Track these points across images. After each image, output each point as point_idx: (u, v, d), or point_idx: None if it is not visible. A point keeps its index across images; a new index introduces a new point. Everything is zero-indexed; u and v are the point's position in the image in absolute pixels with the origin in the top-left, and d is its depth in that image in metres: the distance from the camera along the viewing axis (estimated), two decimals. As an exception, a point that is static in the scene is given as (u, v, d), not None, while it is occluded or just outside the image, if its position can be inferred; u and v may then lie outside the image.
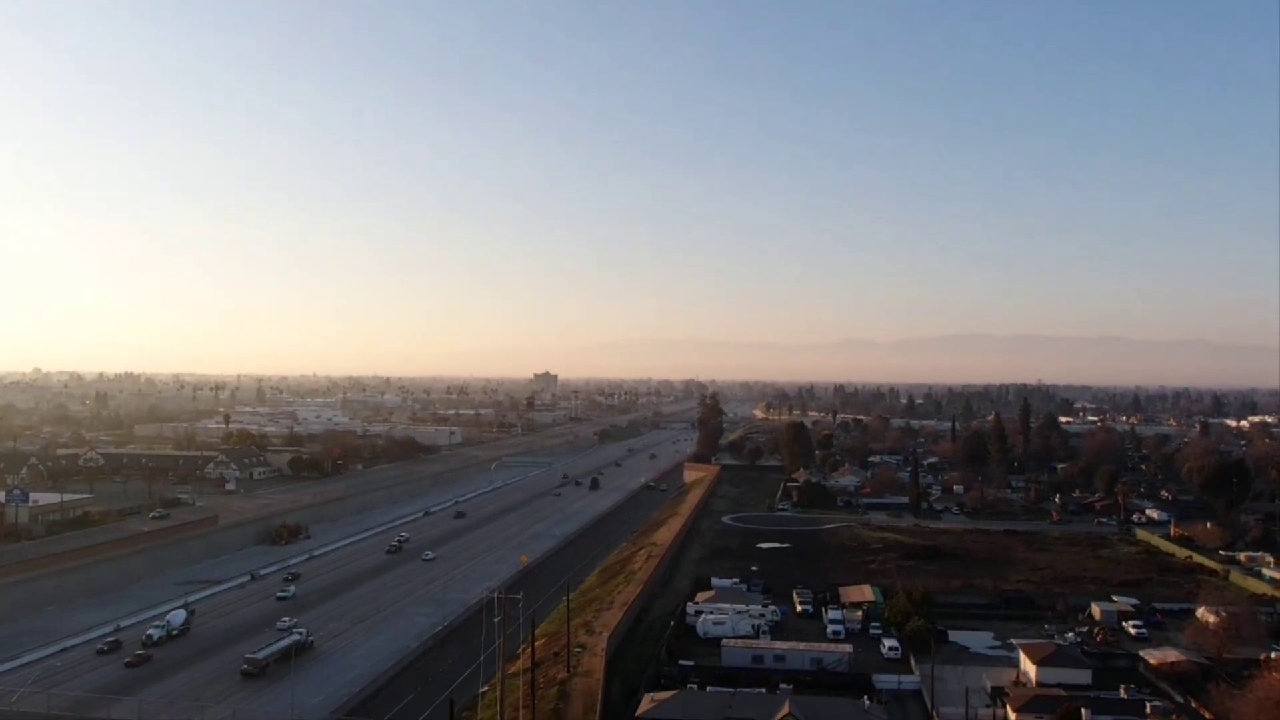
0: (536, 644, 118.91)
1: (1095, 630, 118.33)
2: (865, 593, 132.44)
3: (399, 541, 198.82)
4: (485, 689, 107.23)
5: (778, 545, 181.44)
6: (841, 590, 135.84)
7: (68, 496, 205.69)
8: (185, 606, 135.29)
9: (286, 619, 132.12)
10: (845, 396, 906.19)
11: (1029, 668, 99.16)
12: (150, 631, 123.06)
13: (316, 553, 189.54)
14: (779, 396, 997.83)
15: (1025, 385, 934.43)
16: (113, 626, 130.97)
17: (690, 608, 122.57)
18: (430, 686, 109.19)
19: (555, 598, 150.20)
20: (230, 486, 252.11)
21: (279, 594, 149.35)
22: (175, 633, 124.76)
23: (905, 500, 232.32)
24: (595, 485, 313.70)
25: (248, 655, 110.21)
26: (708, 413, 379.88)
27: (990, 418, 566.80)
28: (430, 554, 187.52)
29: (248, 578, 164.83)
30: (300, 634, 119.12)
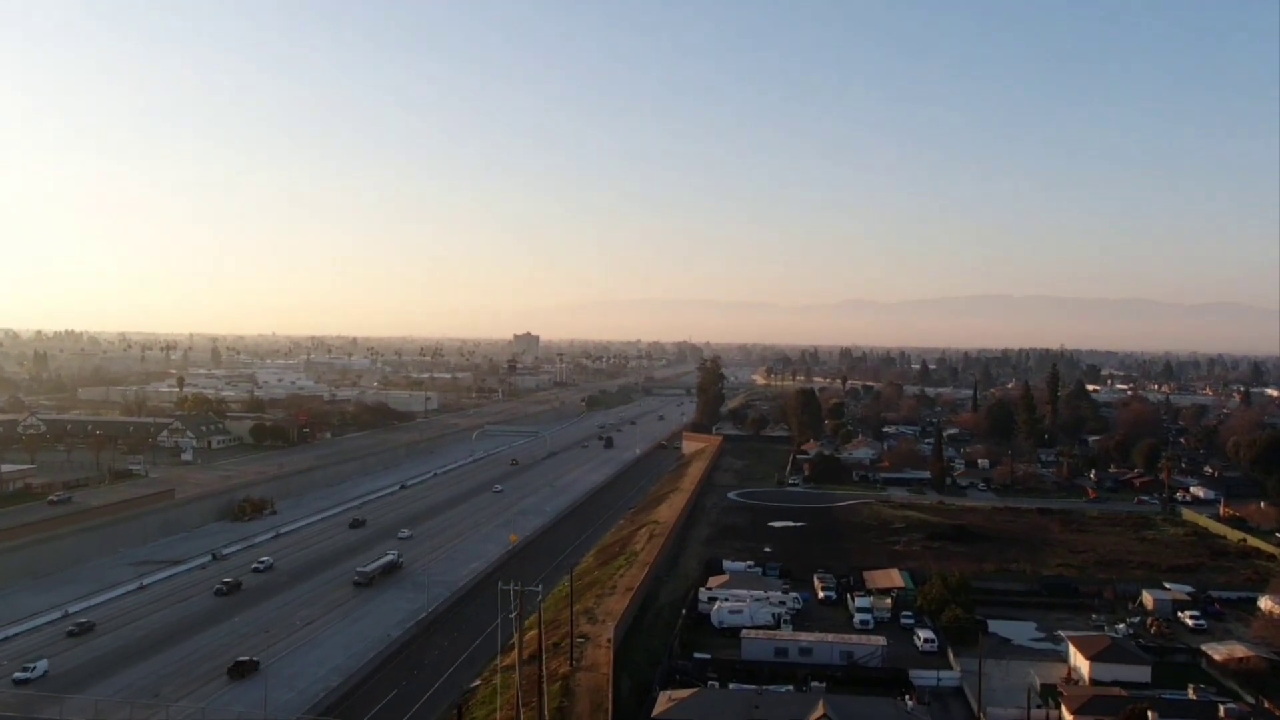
0: (531, 634, 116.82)
1: (1149, 621, 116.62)
2: (893, 577, 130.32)
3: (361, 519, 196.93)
4: (477, 683, 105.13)
5: (791, 524, 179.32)
6: (866, 575, 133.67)
7: (6, 467, 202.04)
8: None
9: (406, 531, 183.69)
10: (853, 361, 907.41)
11: (1081, 663, 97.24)
12: None
13: (284, 529, 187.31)
14: (780, 360, 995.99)
15: (1048, 350, 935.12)
16: (61, 611, 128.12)
17: (703, 594, 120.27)
18: (416, 681, 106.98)
19: (549, 580, 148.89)
20: (186, 456, 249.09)
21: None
22: None
23: (927, 475, 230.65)
24: (610, 444, 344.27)
25: (358, 569, 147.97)
26: (708, 378, 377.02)
27: (1011, 384, 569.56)
28: (406, 532, 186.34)
29: (209, 557, 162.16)
30: (394, 554, 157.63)
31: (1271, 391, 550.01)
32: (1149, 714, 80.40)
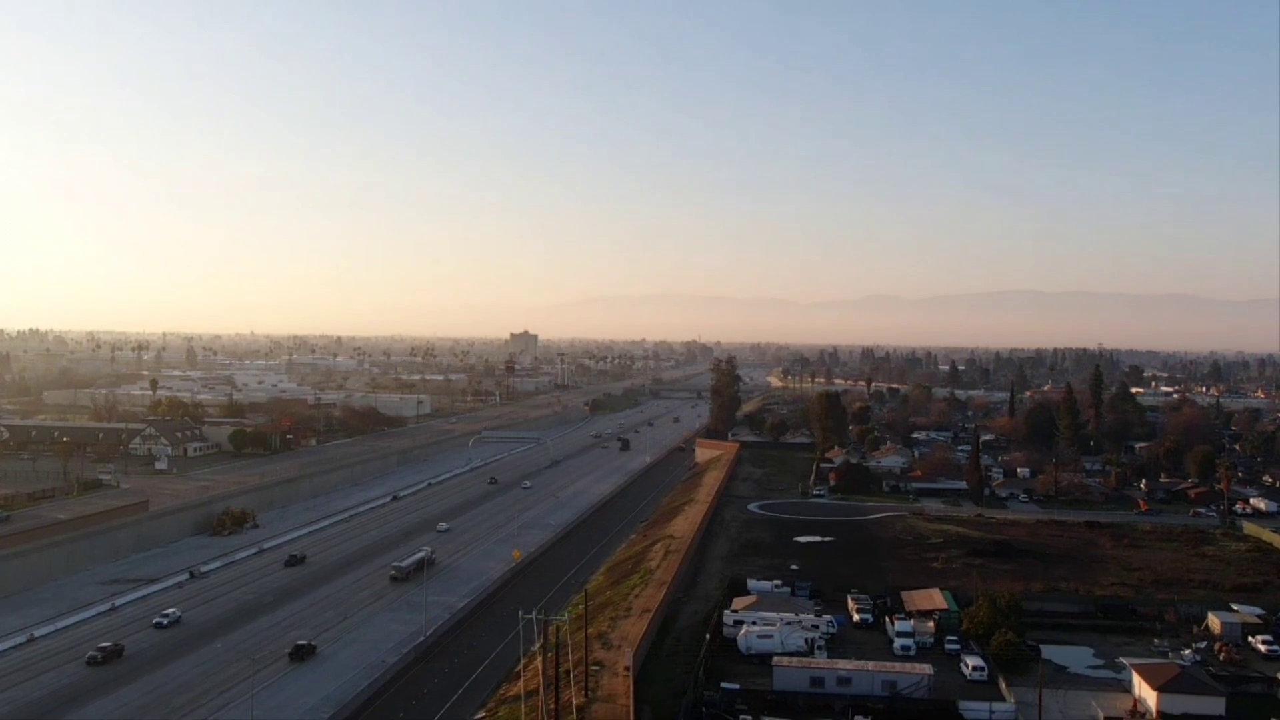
0: (540, 661, 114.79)
1: (1216, 646, 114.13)
2: (934, 598, 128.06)
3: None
4: (482, 715, 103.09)
5: (818, 539, 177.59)
6: (905, 595, 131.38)
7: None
8: None
9: (444, 523, 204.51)
10: (875, 362, 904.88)
11: (1147, 694, 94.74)
12: None
13: (267, 544, 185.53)
14: (797, 361, 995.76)
15: (1085, 350, 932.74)
16: (26, 635, 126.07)
17: (728, 617, 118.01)
18: (413, 712, 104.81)
19: (557, 600, 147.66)
20: (161, 465, 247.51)
21: None
22: None
23: (963, 485, 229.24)
24: (626, 446, 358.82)
25: (394, 564, 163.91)
26: (723, 380, 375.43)
27: (1047, 387, 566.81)
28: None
29: (186, 575, 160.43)
30: (427, 550, 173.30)
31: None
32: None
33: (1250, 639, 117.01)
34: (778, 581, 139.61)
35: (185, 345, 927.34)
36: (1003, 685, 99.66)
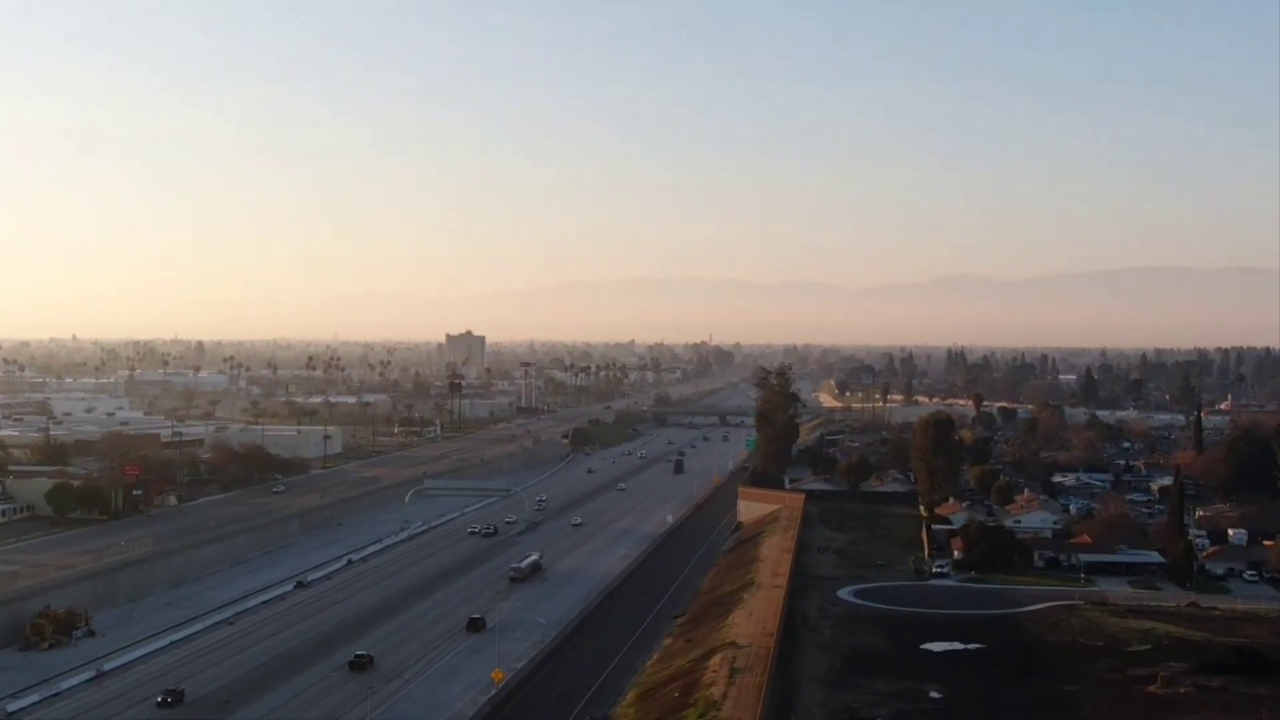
0: None
1: None
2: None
3: None
4: None
5: (958, 645, 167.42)
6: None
7: None
8: None
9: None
10: (970, 370, 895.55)
11: None
12: None
13: (109, 665, 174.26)
14: (857, 369, 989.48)
15: (1268, 350, 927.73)
16: None
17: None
18: None
19: None
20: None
21: None
22: None
23: (1155, 557, 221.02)
24: (680, 468, 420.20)
25: (513, 565, 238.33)
26: (774, 402, 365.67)
27: (1224, 404, 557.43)
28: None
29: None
30: (537, 554, 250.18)
31: None
32: None
33: None
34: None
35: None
36: None
